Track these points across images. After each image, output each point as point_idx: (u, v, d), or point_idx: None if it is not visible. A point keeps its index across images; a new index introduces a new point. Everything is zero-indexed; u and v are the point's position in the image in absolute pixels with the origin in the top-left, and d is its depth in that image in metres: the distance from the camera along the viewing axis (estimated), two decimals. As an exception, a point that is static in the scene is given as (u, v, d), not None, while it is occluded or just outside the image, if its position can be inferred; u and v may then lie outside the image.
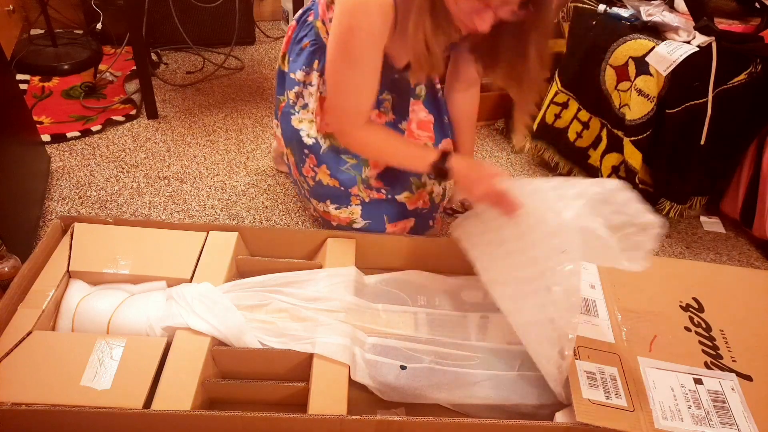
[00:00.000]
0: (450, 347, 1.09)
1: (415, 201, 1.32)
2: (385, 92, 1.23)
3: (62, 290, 1.07)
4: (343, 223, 1.31)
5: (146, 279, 1.12)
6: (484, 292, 1.20)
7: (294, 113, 1.25)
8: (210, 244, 1.18)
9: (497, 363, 1.08)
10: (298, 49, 1.23)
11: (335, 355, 1.00)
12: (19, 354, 0.94)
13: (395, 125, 1.27)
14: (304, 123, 1.25)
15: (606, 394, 0.97)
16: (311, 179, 1.29)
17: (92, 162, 1.70)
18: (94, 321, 1.04)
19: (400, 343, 1.08)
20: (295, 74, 1.23)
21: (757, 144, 1.54)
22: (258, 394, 1.03)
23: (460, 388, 1.03)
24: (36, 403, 0.87)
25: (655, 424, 0.93)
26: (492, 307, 1.17)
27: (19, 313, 1.00)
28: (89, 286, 1.10)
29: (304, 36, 1.22)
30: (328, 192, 1.29)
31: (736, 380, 1.02)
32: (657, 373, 1.01)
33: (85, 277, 1.11)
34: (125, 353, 0.96)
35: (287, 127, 1.28)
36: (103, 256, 1.12)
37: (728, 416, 0.96)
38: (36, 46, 2.12)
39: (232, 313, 1.04)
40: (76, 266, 1.10)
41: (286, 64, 1.28)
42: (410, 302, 1.17)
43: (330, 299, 1.10)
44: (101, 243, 1.14)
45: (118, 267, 1.12)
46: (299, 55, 1.23)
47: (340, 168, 1.25)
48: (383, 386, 1.02)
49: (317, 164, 1.26)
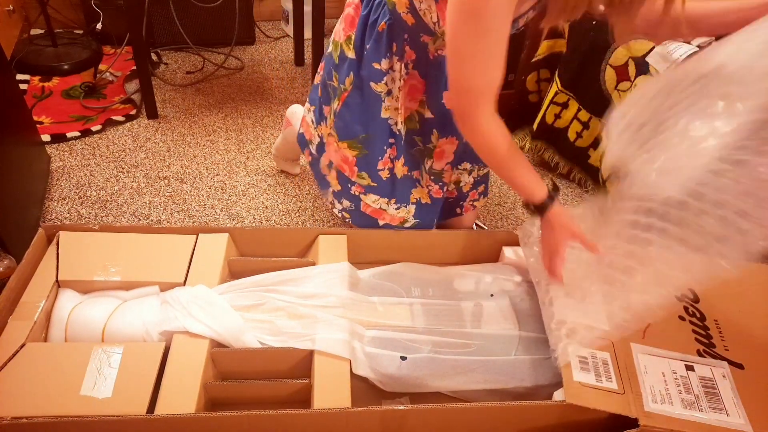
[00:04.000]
0: (447, 336, 1.10)
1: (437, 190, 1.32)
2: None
3: (52, 300, 1.05)
4: (393, 222, 1.29)
5: (138, 285, 1.10)
6: (475, 281, 1.23)
7: (383, 100, 1.18)
8: (200, 246, 1.17)
9: (494, 348, 1.09)
10: (375, 33, 1.12)
11: (335, 350, 1.01)
12: (14, 367, 0.92)
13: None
14: (389, 111, 1.19)
15: (597, 377, 0.98)
16: (387, 171, 1.25)
17: (92, 162, 1.70)
18: (87, 329, 1.02)
19: (398, 334, 1.09)
20: (380, 64, 1.14)
21: (757, 144, 1.54)
22: (260, 393, 1.03)
23: (459, 375, 1.05)
24: (37, 416, 0.86)
25: (644, 406, 0.94)
26: (484, 295, 1.19)
27: (9, 326, 0.98)
28: (80, 295, 1.09)
29: (378, 17, 1.11)
30: (395, 187, 1.25)
31: (728, 368, 1.03)
32: (649, 359, 1.02)
33: (74, 286, 1.09)
34: (124, 360, 0.95)
35: (352, 118, 1.20)
36: (92, 264, 1.10)
37: (718, 401, 0.97)
38: (36, 46, 2.12)
39: (230, 314, 1.04)
40: (65, 275, 1.08)
41: (352, 48, 1.16)
42: (405, 294, 1.18)
43: (326, 295, 1.10)
44: (89, 251, 1.12)
45: (109, 274, 1.09)
46: (378, 41, 1.12)
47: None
48: (385, 378, 1.03)
49: (396, 156, 1.22)
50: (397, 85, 1.16)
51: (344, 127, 1.22)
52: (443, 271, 1.25)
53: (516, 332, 1.12)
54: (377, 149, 1.22)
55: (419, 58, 1.14)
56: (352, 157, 1.24)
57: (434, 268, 1.25)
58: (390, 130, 1.21)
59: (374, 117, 1.19)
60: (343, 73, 1.19)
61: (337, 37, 1.20)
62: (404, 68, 1.14)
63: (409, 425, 0.97)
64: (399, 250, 1.28)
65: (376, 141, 1.22)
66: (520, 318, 1.14)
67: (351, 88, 1.18)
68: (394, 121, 1.20)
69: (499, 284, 1.21)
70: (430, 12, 1.04)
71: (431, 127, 1.23)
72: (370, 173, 1.24)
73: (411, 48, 1.12)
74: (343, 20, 1.19)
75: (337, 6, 2.58)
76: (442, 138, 1.25)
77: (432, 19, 1.05)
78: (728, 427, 0.94)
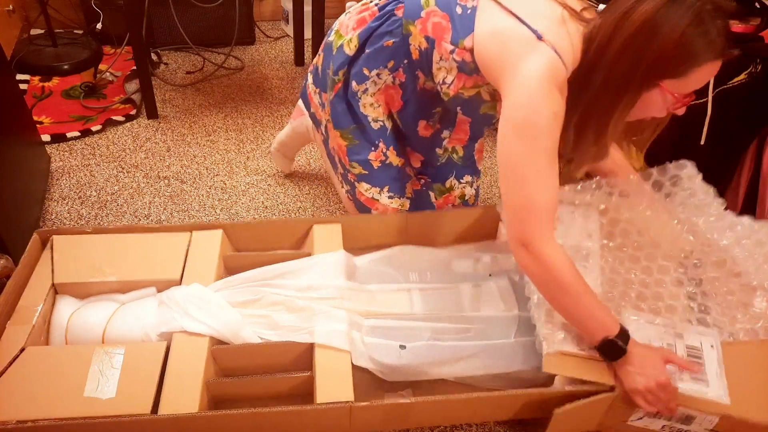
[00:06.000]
0: (446, 321, 1.10)
1: (441, 205, 1.33)
2: (438, 107, 1.21)
3: (50, 304, 1.06)
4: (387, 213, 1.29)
5: (135, 285, 1.11)
6: (473, 261, 1.22)
7: (359, 98, 1.20)
8: (195, 244, 1.17)
9: (494, 332, 1.09)
10: (379, 45, 1.12)
11: (335, 342, 1.01)
12: (15, 371, 0.93)
13: (438, 134, 1.27)
14: (368, 109, 1.20)
15: (579, 345, 0.97)
16: (379, 162, 1.25)
17: (92, 162, 1.70)
18: (87, 335, 1.02)
19: (397, 322, 1.09)
20: (370, 72, 1.16)
21: (757, 144, 1.54)
22: (263, 388, 1.03)
23: (459, 361, 1.05)
24: (41, 419, 0.86)
25: None
26: (482, 275, 1.19)
27: (8, 331, 0.98)
28: (78, 301, 1.09)
29: (388, 33, 1.11)
30: (389, 176, 1.26)
31: (717, 339, 1.02)
32: (638, 324, 1.02)
33: (71, 288, 1.09)
34: (126, 361, 0.95)
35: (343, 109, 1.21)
36: (88, 266, 1.10)
37: (701, 372, 0.97)
38: (36, 46, 2.12)
39: (227, 311, 1.04)
40: (61, 278, 1.08)
41: (352, 48, 1.16)
42: (403, 280, 1.18)
43: (323, 287, 1.10)
44: (83, 253, 1.12)
45: (105, 276, 1.09)
46: (379, 53, 1.13)
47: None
48: (385, 368, 1.03)
49: (386, 147, 1.23)
50: (377, 87, 1.18)
51: (336, 116, 1.24)
52: (441, 252, 1.24)
53: (515, 312, 1.12)
54: (366, 140, 1.24)
55: (407, 84, 1.16)
56: (344, 146, 1.25)
57: (432, 250, 1.24)
58: (372, 126, 1.22)
59: (358, 112, 1.21)
60: (337, 65, 1.19)
61: (343, 31, 1.19)
62: (391, 80, 1.17)
63: (413, 417, 0.97)
64: (396, 234, 1.27)
65: (364, 133, 1.23)
66: (519, 297, 1.14)
67: (342, 81, 1.20)
68: (373, 117, 1.21)
69: (497, 263, 1.21)
70: (448, 73, 1.06)
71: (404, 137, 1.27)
72: (360, 162, 1.25)
73: (404, 72, 1.14)
74: (356, 19, 1.18)
75: (337, 6, 2.58)
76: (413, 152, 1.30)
77: (444, 79, 1.07)
78: (705, 397, 0.94)
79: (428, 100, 1.19)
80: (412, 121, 1.23)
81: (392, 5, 1.12)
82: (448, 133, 1.28)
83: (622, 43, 0.85)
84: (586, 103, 0.92)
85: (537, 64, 0.89)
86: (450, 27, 1.02)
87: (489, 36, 0.97)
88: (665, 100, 0.89)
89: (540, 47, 0.90)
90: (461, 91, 1.07)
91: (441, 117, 1.24)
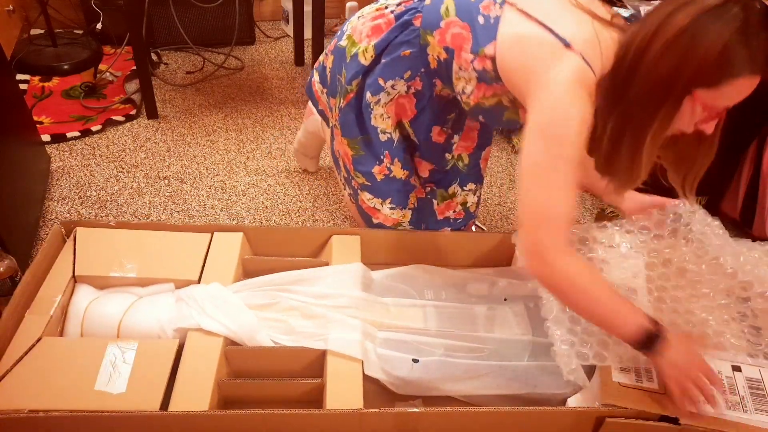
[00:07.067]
0: (460, 339, 1.09)
1: (443, 210, 1.32)
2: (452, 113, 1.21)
3: (69, 295, 1.07)
4: (387, 223, 1.27)
5: (153, 281, 1.12)
6: (489, 284, 1.22)
7: (371, 110, 1.19)
8: (215, 245, 1.18)
9: (506, 353, 1.08)
10: (397, 55, 1.11)
11: (348, 350, 1.01)
12: (30, 361, 0.94)
13: (450, 139, 1.26)
14: (378, 120, 1.19)
15: (637, 378, 0.96)
16: (382, 175, 1.24)
17: (92, 162, 1.70)
18: (103, 325, 1.03)
19: (410, 336, 1.08)
20: (385, 82, 1.14)
21: (757, 144, 1.54)
22: (273, 392, 1.03)
23: (472, 379, 1.04)
24: (53, 409, 0.87)
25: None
26: (497, 299, 1.18)
27: (26, 320, 0.99)
28: (96, 290, 1.10)
29: (405, 43, 1.10)
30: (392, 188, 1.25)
31: None
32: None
33: (91, 281, 1.10)
34: (138, 356, 0.96)
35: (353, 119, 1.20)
36: (109, 260, 1.12)
37: (764, 403, 0.95)
38: (36, 46, 2.12)
39: (244, 312, 1.04)
40: (82, 271, 1.09)
41: (367, 58, 1.13)
42: (418, 296, 1.18)
43: (339, 296, 1.10)
44: (105, 247, 1.14)
45: (125, 270, 1.11)
46: (396, 62, 1.11)
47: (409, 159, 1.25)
48: (397, 380, 1.02)
49: (392, 161, 1.23)
50: (390, 98, 1.17)
51: (345, 125, 1.23)
52: (457, 274, 1.24)
53: (529, 337, 1.11)
54: (372, 153, 1.23)
55: (424, 91, 1.15)
56: (350, 155, 1.25)
57: (448, 271, 1.24)
58: (379, 138, 1.22)
59: (368, 123, 1.21)
60: (351, 74, 1.16)
61: (356, 37, 1.16)
62: (405, 90, 1.16)
63: (422, 428, 0.96)
64: (413, 252, 1.27)
65: (371, 146, 1.23)
66: (534, 323, 1.13)
67: (355, 91, 1.18)
68: (382, 129, 1.20)
69: (512, 288, 1.20)
70: (467, 83, 1.05)
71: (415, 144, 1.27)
72: (364, 174, 1.25)
73: (421, 80, 1.13)
74: (370, 26, 1.14)
75: (337, 6, 2.58)
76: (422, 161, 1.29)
77: (464, 89, 1.06)
78: None
79: (444, 106, 1.18)
80: (426, 128, 1.22)
81: (410, 14, 1.09)
82: (458, 138, 1.27)
83: (663, 47, 0.81)
84: (621, 113, 0.87)
85: (565, 71, 0.88)
86: (471, 37, 1.00)
87: (513, 43, 0.95)
88: (694, 112, 0.85)
89: (567, 55, 0.88)
90: (482, 100, 1.06)
91: (453, 122, 1.24)
